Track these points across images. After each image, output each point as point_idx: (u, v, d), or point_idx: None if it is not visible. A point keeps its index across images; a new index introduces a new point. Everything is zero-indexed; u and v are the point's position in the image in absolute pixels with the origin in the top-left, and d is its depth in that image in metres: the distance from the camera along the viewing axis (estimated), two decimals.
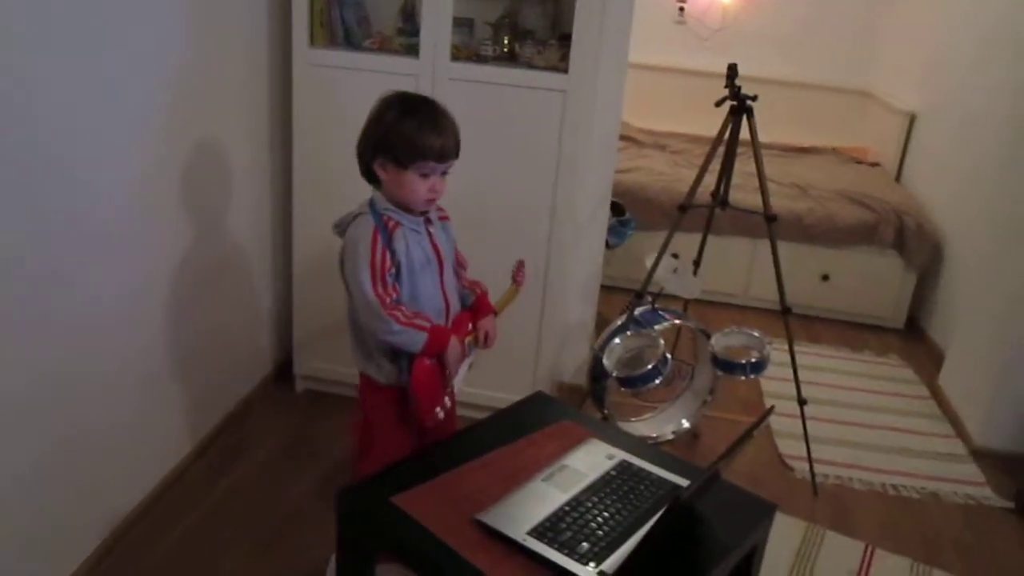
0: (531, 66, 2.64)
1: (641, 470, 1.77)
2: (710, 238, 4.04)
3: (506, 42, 2.71)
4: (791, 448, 2.98)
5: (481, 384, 2.83)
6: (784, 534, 2.54)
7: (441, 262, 1.95)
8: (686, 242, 3.39)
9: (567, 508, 1.61)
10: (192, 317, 2.53)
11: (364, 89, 2.65)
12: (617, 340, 2.71)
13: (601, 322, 3.28)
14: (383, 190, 1.88)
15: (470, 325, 2.03)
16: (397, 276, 1.86)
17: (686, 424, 2.98)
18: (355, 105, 2.66)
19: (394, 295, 1.85)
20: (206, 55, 2.45)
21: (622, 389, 2.66)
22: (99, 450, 2.17)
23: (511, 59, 2.71)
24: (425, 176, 1.82)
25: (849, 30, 5.36)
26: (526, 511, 1.60)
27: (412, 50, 2.65)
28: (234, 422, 2.85)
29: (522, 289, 2.18)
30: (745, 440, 1.54)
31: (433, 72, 2.62)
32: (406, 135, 1.78)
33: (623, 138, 4.99)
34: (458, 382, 2.02)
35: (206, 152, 2.51)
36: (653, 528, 1.38)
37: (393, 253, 1.84)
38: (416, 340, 1.84)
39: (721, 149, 2.71)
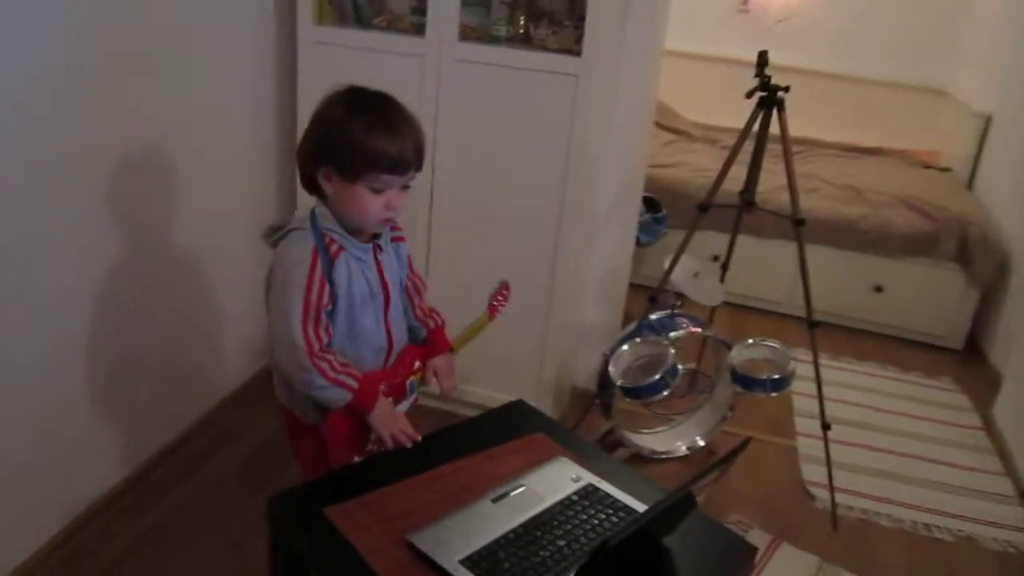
0: (545, 48, 2.47)
1: (606, 496, 1.59)
2: (754, 240, 3.85)
3: (521, 22, 2.54)
4: (815, 474, 2.74)
5: (479, 382, 2.69)
6: (792, 570, 2.32)
7: (388, 295, 1.65)
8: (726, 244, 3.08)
9: (512, 535, 1.45)
10: (174, 306, 2.46)
11: (369, 70, 2.54)
12: (625, 347, 2.52)
13: (629, 323, 3.09)
14: (328, 205, 1.56)
15: (417, 363, 1.75)
16: (332, 312, 1.56)
17: (701, 442, 2.77)
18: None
19: (326, 339, 1.55)
20: (206, 33, 2.36)
21: (626, 399, 2.48)
22: (62, 439, 2.11)
23: (526, 41, 2.54)
24: (378, 192, 1.50)
25: (925, 23, 4.98)
26: (465, 535, 1.44)
27: (422, 29, 2.51)
28: (216, 417, 2.75)
29: (497, 317, 1.89)
30: (708, 476, 1.35)
31: (439, 53, 2.47)
32: (353, 139, 1.46)
33: (672, 131, 4.77)
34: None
35: (202, 139, 2.43)
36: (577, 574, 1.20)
37: (332, 285, 1.53)
38: (339, 399, 1.57)
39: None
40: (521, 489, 1.58)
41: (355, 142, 1.46)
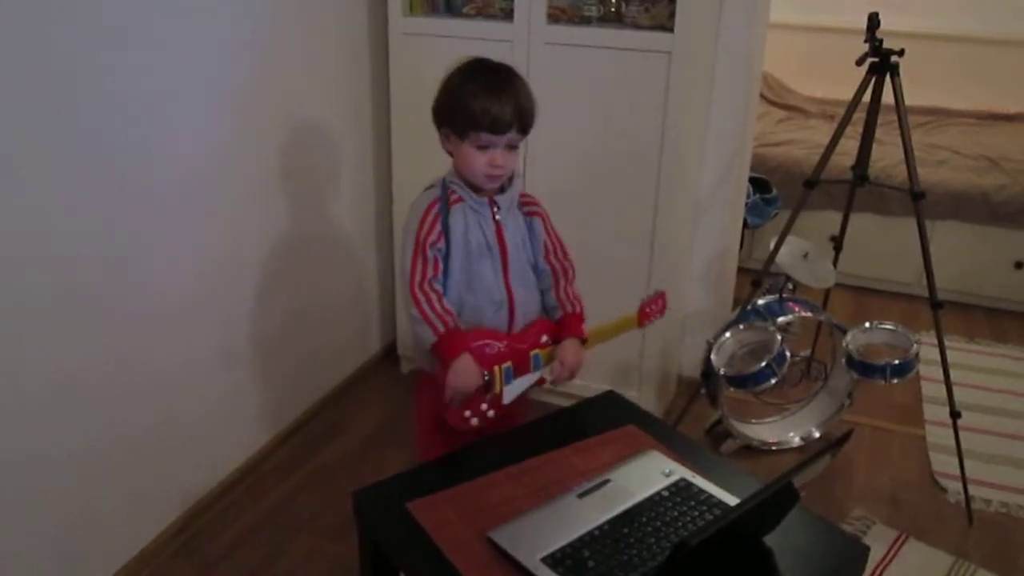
0: (637, 26, 2.38)
1: (700, 492, 1.50)
2: (878, 218, 3.62)
3: (613, 0, 2.46)
4: (947, 465, 2.54)
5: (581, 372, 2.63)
6: (921, 568, 2.15)
7: (505, 253, 1.72)
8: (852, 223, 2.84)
9: (597, 532, 1.39)
10: (289, 296, 2.52)
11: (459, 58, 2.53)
12: (728, 334, 2.40)
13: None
14: (453, 163, 1.72)
15: (544, 337, 1.76)
16: (447, 256, 1.69)
17: (816, 432, 2.61)
18: None
19: (432, 273, 1.66)
20: (300, 26, 2.40)
21: (730, 389, 2.36)
22: (188, 423, 2.21)
23: (617, 20, 2.45)
24: (482, 148, 1.63)
25: None
26: (548, 532, 1.39)
27: (512, 14, 2.46)
28: (333, 402, 2.82)
29: (647, 326, 1.90)
30: (805, 469, 1.25)
31: (528, 36, 2.42)
32: (459, 101, 1.62)
33: (785, 107, 4.55)
34: (510, 396, 1.73)
35: (305, 130, 2.48)
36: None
37: (446, 229, 1.67)
38: (427, 337, 1.63)
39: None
40: (608, 484, 1.52)
41: (461, 103, 1.62)
